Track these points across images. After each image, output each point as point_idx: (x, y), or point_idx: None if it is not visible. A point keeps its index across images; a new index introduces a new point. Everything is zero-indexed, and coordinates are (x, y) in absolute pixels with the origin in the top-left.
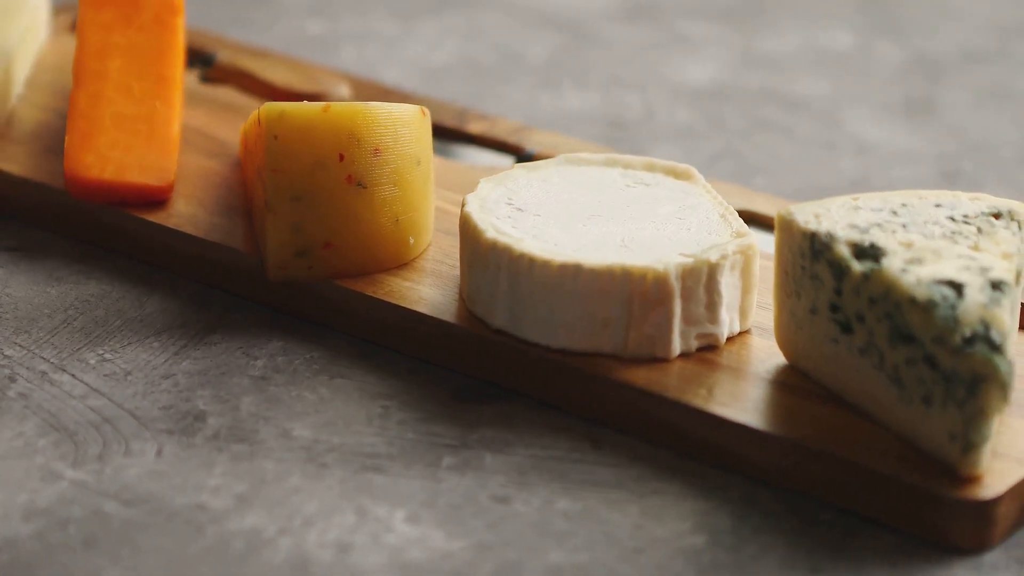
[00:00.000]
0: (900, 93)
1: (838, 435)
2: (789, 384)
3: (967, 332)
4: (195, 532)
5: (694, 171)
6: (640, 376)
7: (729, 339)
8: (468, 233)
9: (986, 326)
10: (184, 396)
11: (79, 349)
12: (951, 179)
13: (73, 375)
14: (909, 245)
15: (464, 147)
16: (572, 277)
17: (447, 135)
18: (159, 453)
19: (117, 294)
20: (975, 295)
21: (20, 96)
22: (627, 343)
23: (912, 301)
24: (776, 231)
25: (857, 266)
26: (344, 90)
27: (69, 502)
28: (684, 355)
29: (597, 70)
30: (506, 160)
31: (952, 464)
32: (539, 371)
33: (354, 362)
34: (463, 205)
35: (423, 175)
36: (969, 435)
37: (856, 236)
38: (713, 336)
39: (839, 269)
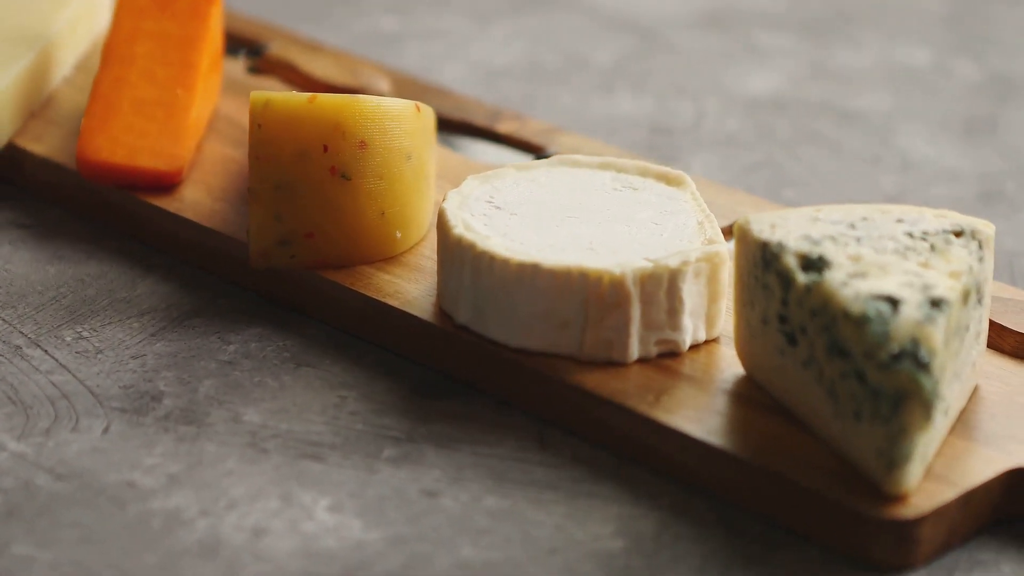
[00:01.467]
0: (964, 112)
1: (773, 447)
2: (741, 394)
3: (895, 349)
4: (117, 509)
5: (686, 177)
6: (591, 379)
7: (694, 347)
8: (440, 228)
9: (915, 344)
10: (147, 377)
11: (59, 326)
12: (988, 200)
13: (46, 351)
14: (857, 259)
15: (491, 146)
16: (530, 276)
17: (476, 133)
18: (106, 430)
19: (113, 275)
20: (910, 312)
21: (67, 79)
22: (584, 345)
23: (846, 315)
24: (735, 240)
25: (801, 277)
26: (384, 85)
27: (3, 473)
28: (644, 360)
29: (658, 76)
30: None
31: (878, 481)
32: (497, 369)
33: (325, 352)
34: (443, 200)
35: (415, 170)
36: (892, 452)
37: (806, 247)
38: (674, 343)
39: (786, 280)
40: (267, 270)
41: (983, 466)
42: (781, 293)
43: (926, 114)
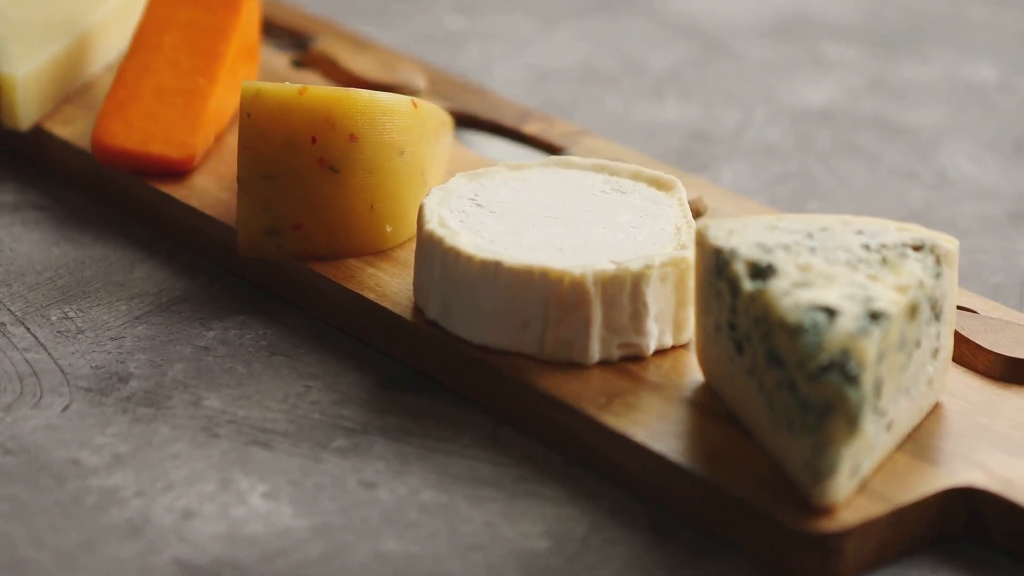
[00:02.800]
0: (1017, 131)
1: (712, 455)
2: (696, 402)
3: (825, 360)
4: (56, 485)
5: (677, 183)
6: (547, 379)
7: (660, 352)
8: (418, 223)
9: (846, 356)
10: (120, 358)
11: (48, 306)
12: (1017, 220)
13: (28, 328)
14: (806, 269)
15: (517, 146)
16: (492, 274)
17: (504, 133)
18: (65, 408)
19: (114, 258)
20: (845, 324)
21: (110, 66)
22: (544, 345)
23: (782, 324)
24: (695, 245)
25: (748, 285)
26: (420, 83)
27: None
28: (606, 363)
29: (711, 84)
30: None
31: (806, 493)
32: (459, 365)
33: (303, 342)
34: (426, 195)
35: (408, 165)
36: (817, 464)
37: (757, 255)
38: (638, 347)
39: (734, 287)
40: (255, 259)
41: (922, 484)
42: (730, 300)
43: (977, 131)
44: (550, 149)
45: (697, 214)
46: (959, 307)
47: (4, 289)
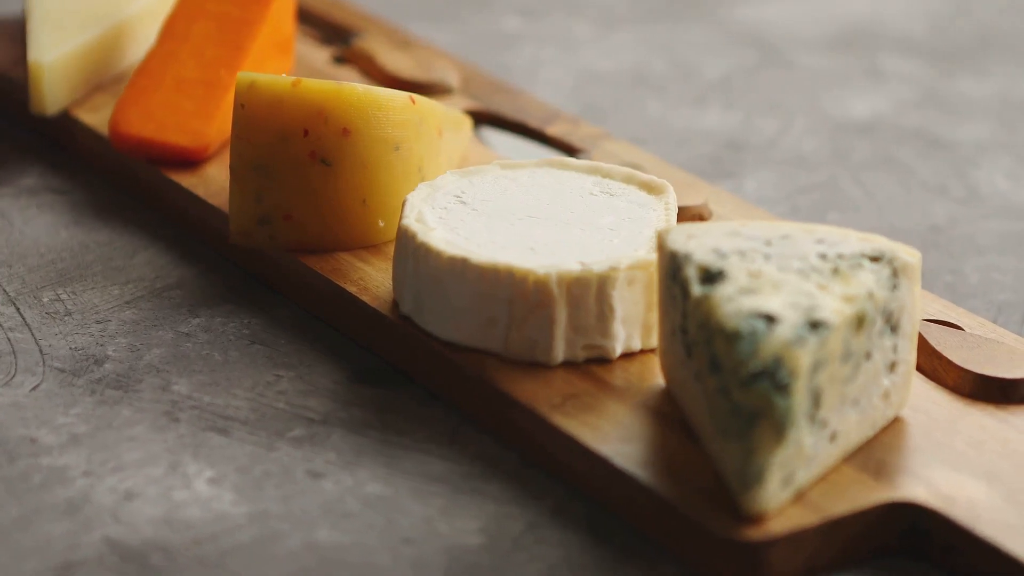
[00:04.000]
0: None
1: (654, 460)
2: (653, 407)
3: (757, 367)
4: (6, 462)
5: (667, 187)
6: (507, 377)
7: (628, 355)
8: (400, 218)
9: (778, 364)
10: (101, 341)
11: (43, 287)
12: None
13: (18, 309)
14: (756, 276)
15: (538, 147)
16: (460, 270)
17: (527, 133)
18: (35, 388)
19: (119, 243)
20: (782, 331)
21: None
22: (508, 343)
23: (721, 330)
24: (656, 248)
25: (696, 289)
26: (453, 81)
27: None
28: (570, 364)
29: (759, 93)
30: None
31: (736, 501)
32: (426, 360)
33: (284, 332)
34: (413, 191)
35: (403, 161)
36: (745, 471)
37: (710, 260)
38: (603, 349)
39: (685, 291)
40: (246, 248)
41: (861, 496)
42: (682, 304)
43: (1021, 149)
44: (571, 151)
45: (701, 218)
46: (944, 322)
47: (4, 269)
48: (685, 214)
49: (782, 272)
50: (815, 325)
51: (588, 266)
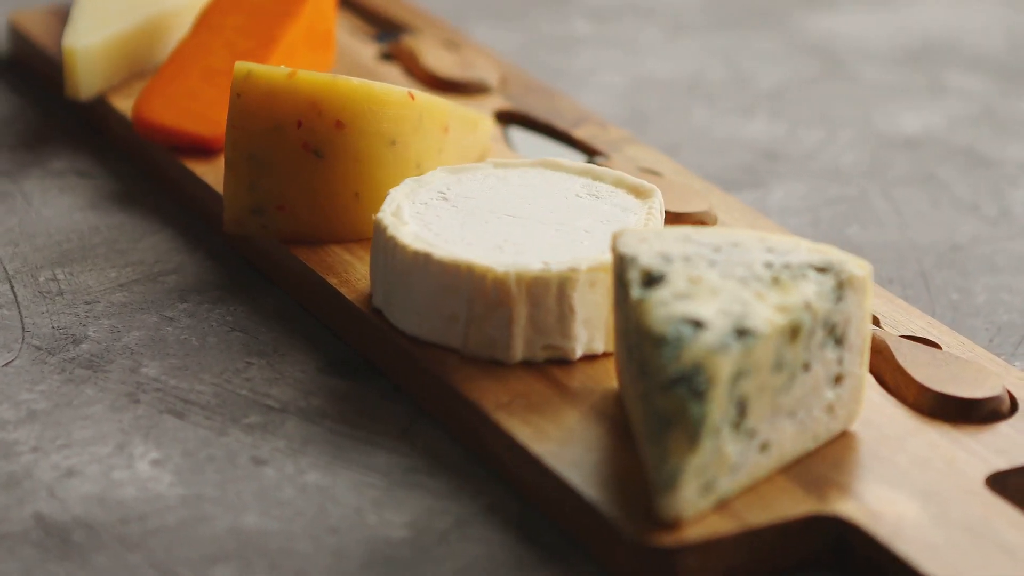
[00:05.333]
0: None
1: (588, 463)
2: (602, 409)
3: (676, 373)
4: None
5: (656, 191)
6: (460, 373)
7: (591, 357)
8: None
9: (697, 370)
10: (84, 321)
11: (41, 267)
12: None
13: (12, 286)
14: (696, 281)
15: (563, 148)
16: (423, 265)
17: (554, 135)
18: (7, 364)
19: (129, 227)
20: (707, 338)
21: None
22: (468, 340)
23: (649, 334)
24: (611, 251)
25: (635, 293)
26: (492, 81)
27: None
28: (529, 364)
29: (810, 104)
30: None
31: (653, 506)
32: (390, 354)
33: (266, 321)
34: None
35: (399, 156)
36: (659, 477)
37: (653, 264)
38: (563, 350)
39: (626, 294)
40: (240, 236)
41: (785, 507)
42: (624, 307)
43: None
44: (594, 153)
45: (703, 225)
46: (922, 339)
47: (10, 248)
48: (686, 220)
49: (723, 279)
50: (742, 333)
51: (548, 266)
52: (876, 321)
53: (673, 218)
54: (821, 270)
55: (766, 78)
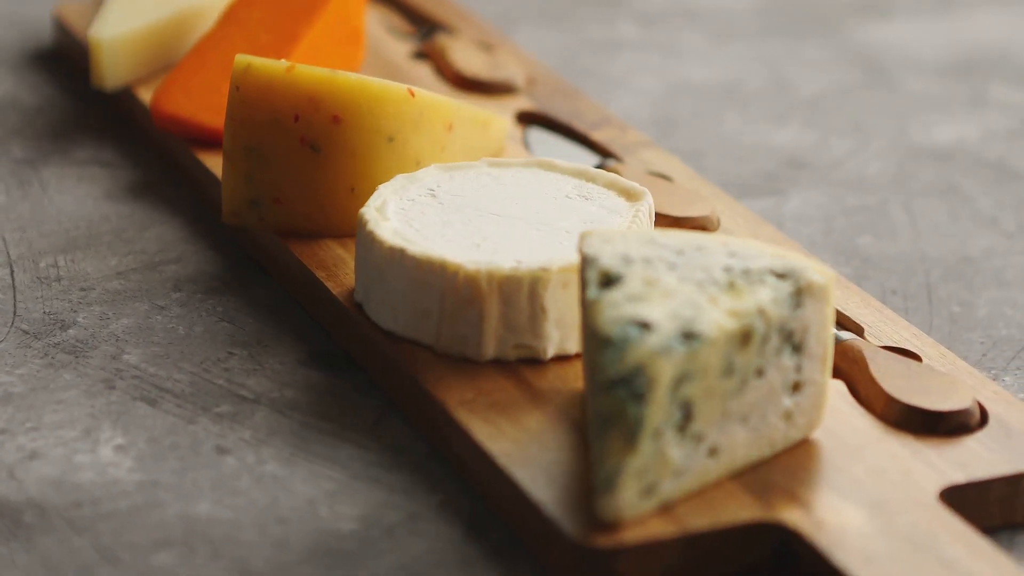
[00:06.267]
0: None
1: (541, 462)
2: (565, 411)
3: (616, 374)
4: None
5: (645, 194)
6: (429, 369)
7: (563, 358)
8: None
9: (638, 372)
10: (75, 307)
11: (45, 253)
12: None
13: (12, 271)
14: (652, 283)
15: (580, 150)
16: (398, 260)
17: (574, 136)
18: None
19: (138, 216)
20: (651, 340)
21: None
22: (440, 337)
23: (596, 334)
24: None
25: (591, 293)
26: (519, 81)
27: None
28: (501, 362)
29: (846, 113)
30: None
31: (593, 506)
32: (367, 348)
33: (257, 312)
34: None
35: (396, 153)
36: (598, 478)
37: (612, 265)
38: (533, 349)
39: (584, 294)
40: (238, 227)
41: (729, 513)
42: (584, 307)
43: None
44: (607, 156)
45: (704, 231)
46: (902, 350)
47: (17, 233)
48: (686, 225)
49: (681, 282)
50: (689, 336)
51: (520, 266)
52: (860, 331)
53: (672, 222)
54: (780, 276)
55: (807, 86)
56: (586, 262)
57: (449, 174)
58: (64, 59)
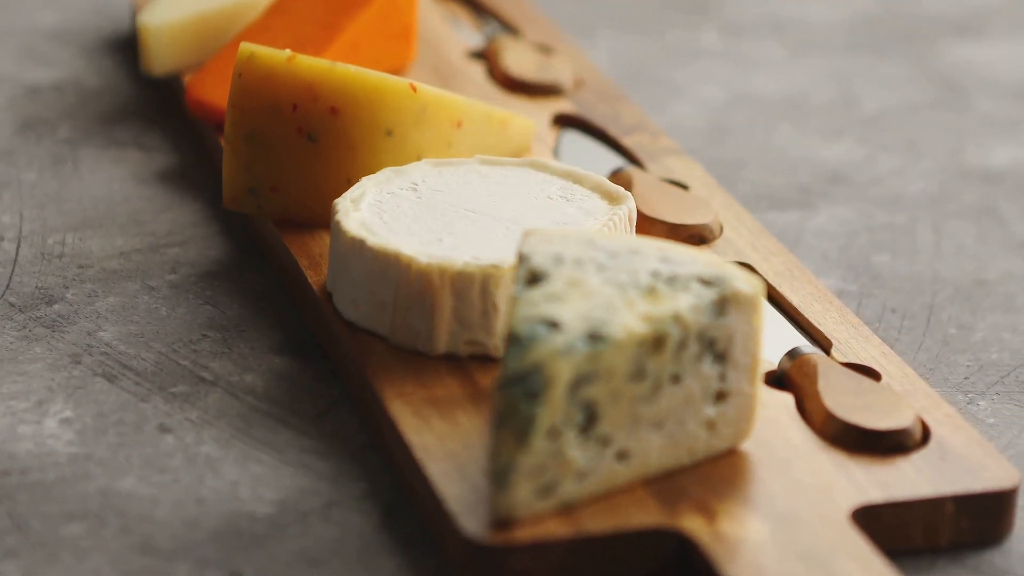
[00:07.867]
0: None
1: (458, 458)
2: None
3: (514, 372)
4: None
5: (628, 197)
6: (376, 360)
7: None
8: None
9: (535, 370)
10: (68, 284)
11: (55, 231)
12: None
13: (18, 246)
14: (575, 284)
15: (610, 154)
16: (357, 251)
17: (605, 140)
18: None
19: (158, 199)
20: (555, 340)
21: None
22: (394, 329)
23: (509, 332)
24: None
25: (516, 290)
26: (567, 83)
27: None
28: (453, 358)
29: (904, 131)
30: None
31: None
32: (328, 336)
33: (244, 297)
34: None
35: (395, 147)
36: (491, 474)
37: (542, 264)
38: (484, 345)
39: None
40: (238, 213)
41: (628, 517)
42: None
43: None
44: (635, 161)
45: (702, 239)
46: (864, 368)
47: (36, 210)
48: (683, 232)
49: (604, 285)
50: (595, 338)
51: (472, 262)
52: (829, 345)
53: (669, 228)
54: (707, 283)
55: (872, 103)
56: (520, 260)
57: (438, 169)
58: (135, 45)
